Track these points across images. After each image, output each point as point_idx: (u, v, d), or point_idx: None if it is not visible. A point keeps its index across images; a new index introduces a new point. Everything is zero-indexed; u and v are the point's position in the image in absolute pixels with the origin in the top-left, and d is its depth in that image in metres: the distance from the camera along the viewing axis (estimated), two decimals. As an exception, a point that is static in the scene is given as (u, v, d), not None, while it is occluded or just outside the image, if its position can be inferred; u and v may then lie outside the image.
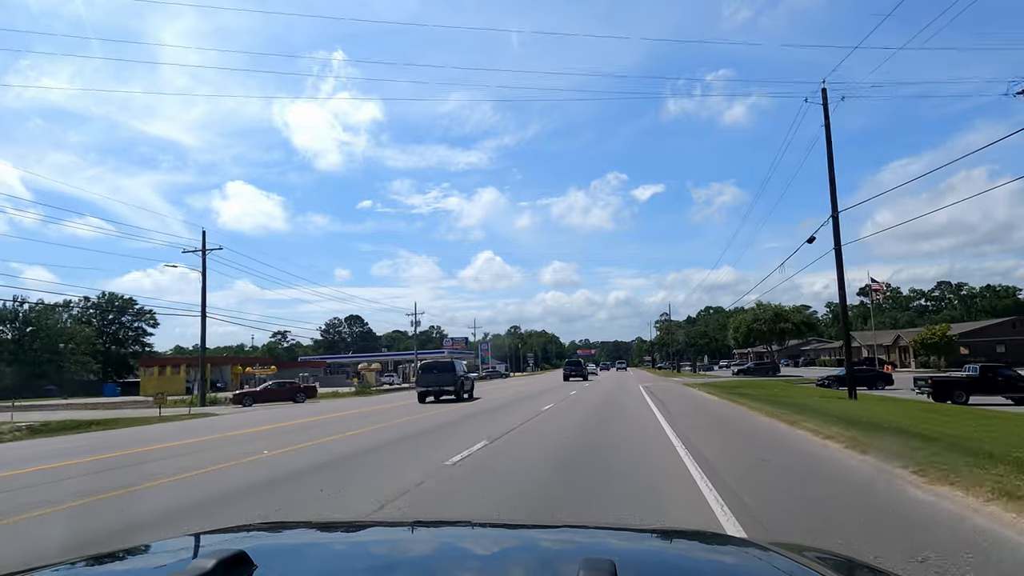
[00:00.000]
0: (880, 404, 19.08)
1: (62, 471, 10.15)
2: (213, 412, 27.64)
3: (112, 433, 18.34)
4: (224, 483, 8.22)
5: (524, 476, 7.90)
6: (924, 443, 8.73)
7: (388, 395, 40.00)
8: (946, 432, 10.30)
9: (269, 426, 17.65)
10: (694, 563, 1.53)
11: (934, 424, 12.02)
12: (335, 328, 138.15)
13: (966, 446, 8.38)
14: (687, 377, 57.09)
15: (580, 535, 1.83)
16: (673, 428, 12.81)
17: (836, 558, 1.59)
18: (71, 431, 19.13)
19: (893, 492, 6.38)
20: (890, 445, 8.57)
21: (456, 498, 6.73)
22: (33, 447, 14.93)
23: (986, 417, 14.14)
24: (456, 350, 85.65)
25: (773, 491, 6.60)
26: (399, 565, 1.43)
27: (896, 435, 9.78)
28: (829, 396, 23.01)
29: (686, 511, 5.83)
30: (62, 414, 28.59)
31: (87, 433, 18.57)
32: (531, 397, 27.64)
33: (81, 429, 19.61)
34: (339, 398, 37.05)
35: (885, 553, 4.27)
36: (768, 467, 8.20)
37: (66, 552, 4.71)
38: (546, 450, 10.16)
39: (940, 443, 8.68)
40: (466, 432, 13.31)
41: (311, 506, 6.57)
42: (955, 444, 8.60)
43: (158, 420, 22.32)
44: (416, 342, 79.75)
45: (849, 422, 11.80)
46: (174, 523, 6.06)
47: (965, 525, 5.06)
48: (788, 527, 5.14)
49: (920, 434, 9.94)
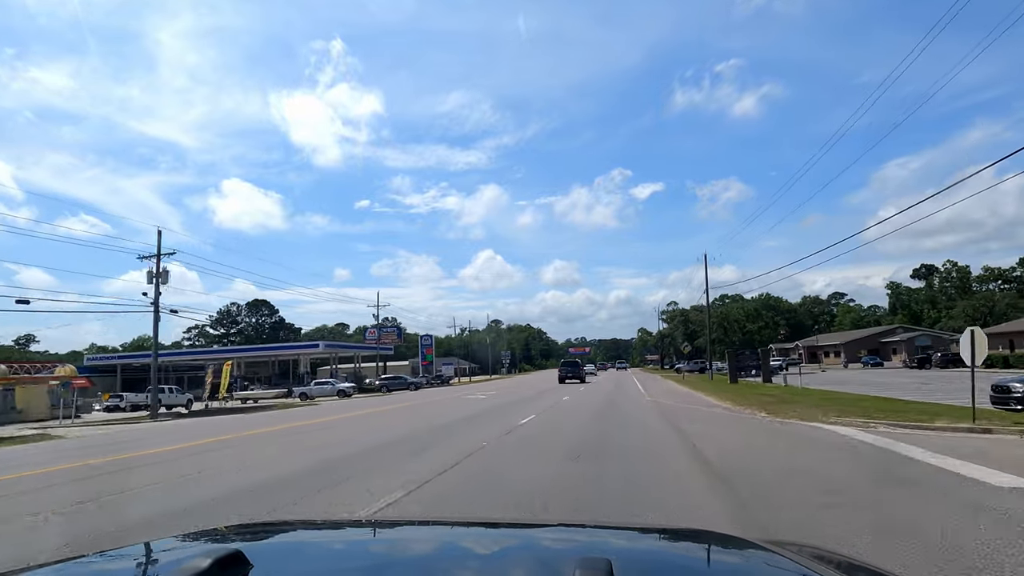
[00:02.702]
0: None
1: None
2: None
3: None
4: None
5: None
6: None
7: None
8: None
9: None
10: (691, 562, 1.53)
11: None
12: (232, 317, 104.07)
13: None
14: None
15: (578, 534, 1.83)
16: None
17: (835, 558, 1.59)
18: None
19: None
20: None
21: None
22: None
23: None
24: (383, 345, 65.58)
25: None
26: (395, 564, 1.43)
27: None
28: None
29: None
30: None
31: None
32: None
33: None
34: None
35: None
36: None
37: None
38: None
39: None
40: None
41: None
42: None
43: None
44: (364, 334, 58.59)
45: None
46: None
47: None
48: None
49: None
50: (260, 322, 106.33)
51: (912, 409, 15.46)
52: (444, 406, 25.92)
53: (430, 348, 75.98)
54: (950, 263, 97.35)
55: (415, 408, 25.88)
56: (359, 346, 69.07)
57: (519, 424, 15.89)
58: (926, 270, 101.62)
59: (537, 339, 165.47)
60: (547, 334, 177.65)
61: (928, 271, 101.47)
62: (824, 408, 16.64)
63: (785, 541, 1.60)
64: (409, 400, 33.99)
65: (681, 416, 17.19)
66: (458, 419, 18.64)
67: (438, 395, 38.55)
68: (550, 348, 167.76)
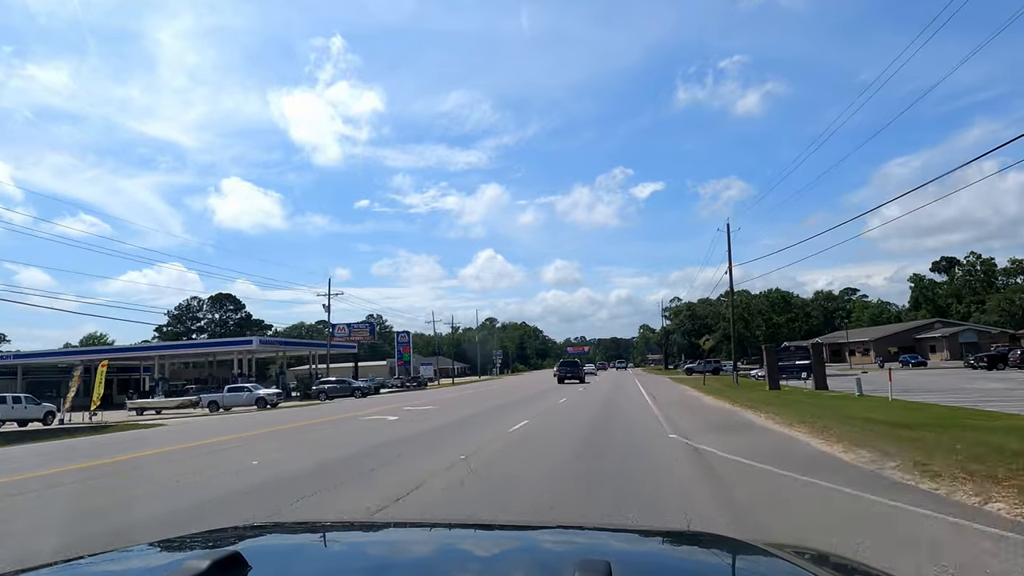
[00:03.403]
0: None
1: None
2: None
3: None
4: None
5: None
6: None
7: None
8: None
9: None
10: (690, 564, 1.53)
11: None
12: (191, 313, 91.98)
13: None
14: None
15: (577, 536, 1.84)
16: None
17: (833, 559, 1.60)
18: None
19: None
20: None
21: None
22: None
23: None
24: (351, 342, 58.71)
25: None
26: (394, 566, 1.43)
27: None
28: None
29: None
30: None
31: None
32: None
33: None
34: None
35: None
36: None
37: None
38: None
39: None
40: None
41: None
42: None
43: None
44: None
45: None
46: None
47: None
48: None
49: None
50: (224, 318, 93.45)
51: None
52: (321, 436, 15.56)
53: (407, 347, 68.63)
54: (974, 255, 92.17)
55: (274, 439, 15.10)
56: (309, 343, 62.23)
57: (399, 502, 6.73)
58: (947, 263, 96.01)
59: (533, 337, 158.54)
60: (544, 332, 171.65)
61: (949, 264, 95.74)
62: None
63: (784, 544, 1.59)
64: (313, 417, 23.46)
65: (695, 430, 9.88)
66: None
67: (368, 409, 26.24)
68: (547, 347, 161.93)
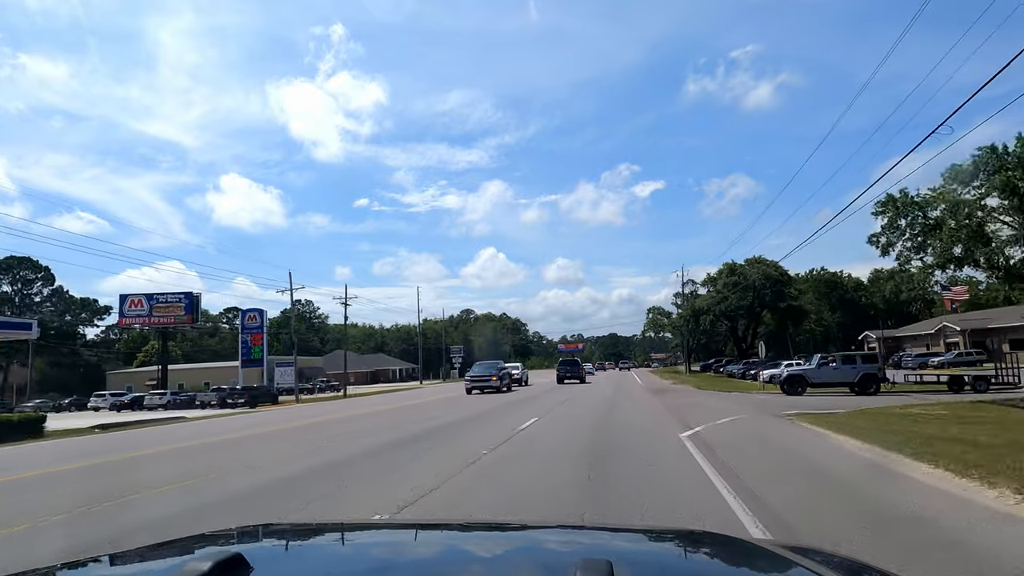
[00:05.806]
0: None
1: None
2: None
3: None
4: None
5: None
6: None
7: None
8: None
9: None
10: (692, 564, 1.53)
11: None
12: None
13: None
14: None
15: (578, 535, 1.85)
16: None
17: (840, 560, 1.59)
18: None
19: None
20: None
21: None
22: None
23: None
24: (155, 324, 48.09)
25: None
26: (396, 566, 1.42)
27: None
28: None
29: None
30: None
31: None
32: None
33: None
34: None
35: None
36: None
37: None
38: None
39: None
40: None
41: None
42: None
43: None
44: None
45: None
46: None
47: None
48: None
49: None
50: (25, 291, 74.85)
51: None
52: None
53: (258, 335, 46.46)
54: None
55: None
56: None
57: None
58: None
59: (512, 332, 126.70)
60: (526, 326, 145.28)
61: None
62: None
63: (787, 543, 1.60)
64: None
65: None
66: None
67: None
68: (529, 343, 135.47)
